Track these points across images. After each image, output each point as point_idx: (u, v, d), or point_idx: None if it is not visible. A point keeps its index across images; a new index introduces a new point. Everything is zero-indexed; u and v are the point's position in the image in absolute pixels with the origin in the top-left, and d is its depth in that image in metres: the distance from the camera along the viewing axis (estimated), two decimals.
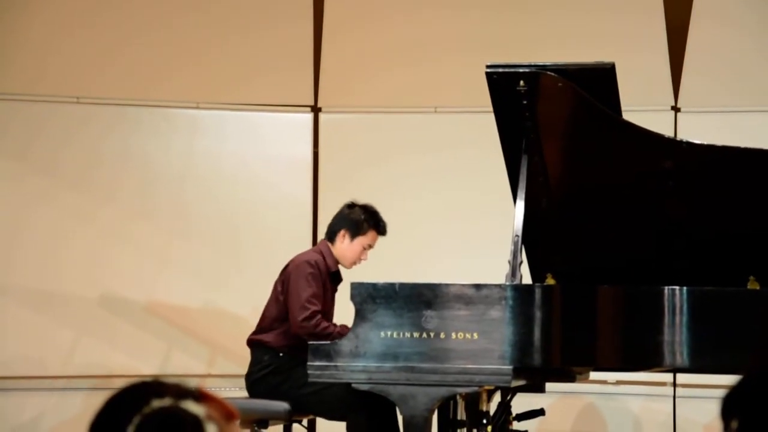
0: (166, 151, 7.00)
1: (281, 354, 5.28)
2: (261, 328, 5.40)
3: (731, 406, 1.50)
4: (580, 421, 6.82)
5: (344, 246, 5.38)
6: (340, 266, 5.42)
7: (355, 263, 5.40)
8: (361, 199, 5.48)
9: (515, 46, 6.95)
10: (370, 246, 5.42)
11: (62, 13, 6.93)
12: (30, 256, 6.72)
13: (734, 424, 1.48)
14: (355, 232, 5.38)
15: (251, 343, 5.39)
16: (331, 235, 5.43)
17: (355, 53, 7.21)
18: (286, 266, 5.39)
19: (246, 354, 5.43)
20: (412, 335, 4.41)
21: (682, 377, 6.63)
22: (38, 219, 6.75)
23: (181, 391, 1.53)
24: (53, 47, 6.89)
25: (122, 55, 7.00)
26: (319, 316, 5.18)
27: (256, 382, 5.31)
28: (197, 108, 7.04)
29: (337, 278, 5.42)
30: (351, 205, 5.48)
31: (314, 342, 4.58)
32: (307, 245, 6.75)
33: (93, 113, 6.89)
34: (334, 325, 5.22)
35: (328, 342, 4.55)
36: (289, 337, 5.26)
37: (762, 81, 6.82)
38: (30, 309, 6.68)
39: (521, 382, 4.70)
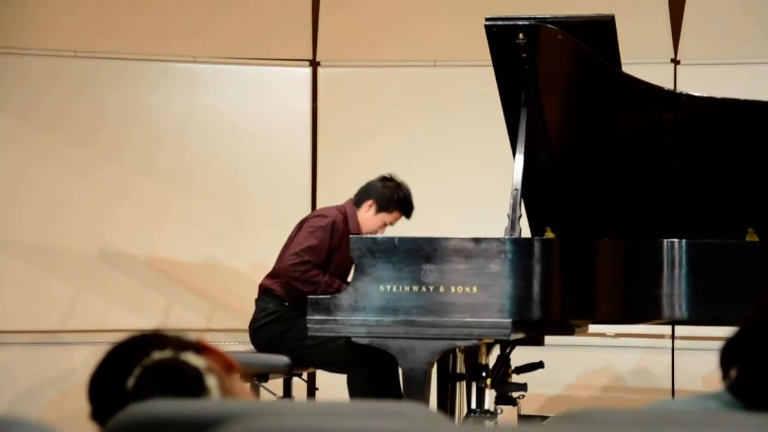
0: (166, 106, 6.98)
1: (286, 303, 5.29)
2: (273, 273, 5.39)
3: (730, 354, 1.50)
4: (579, 374, 6.85)
5: (368, 216, 5.37)
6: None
7: (370, 233, 5.38)
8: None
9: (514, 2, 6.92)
10: (391, 224, 5.42)
11: None
12: (30, 211, 6.72)
13: (733, 372, 1.49)
14: (383, 206, 5.37)
15: (261, 288, 5.39)
16: (359, 200, 5.41)
17: (353, 7, 7.17)
18: (305, 217, 5.41)
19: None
20: (411, 289, 4.42)
21: (680, 329, 6.65)
22: (38, 175, 6.74)
23: (182, 343, 1.54)
24: (51, 1, 6.85)
25: (119, 10, 6.96)
26: (310, 265, 5.18)
27: (259, 330, 5.33)
28: (195, 62, 7.02)
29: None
30: (388, 179, 5.45)
31: (313, 296, 4.59)
32: (306, 199, 6.76)
33: (91, 67, 6.86)
34: (325, 277, 5.20)
35: (328, 296, 4.56)
36: (297, 289, 5.26)
37: (761, 33, 6.80)
38: (32, 264, 6.69)
39: (520, 336, 4.72)
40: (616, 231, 4.72)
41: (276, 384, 5.42)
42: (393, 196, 5.37)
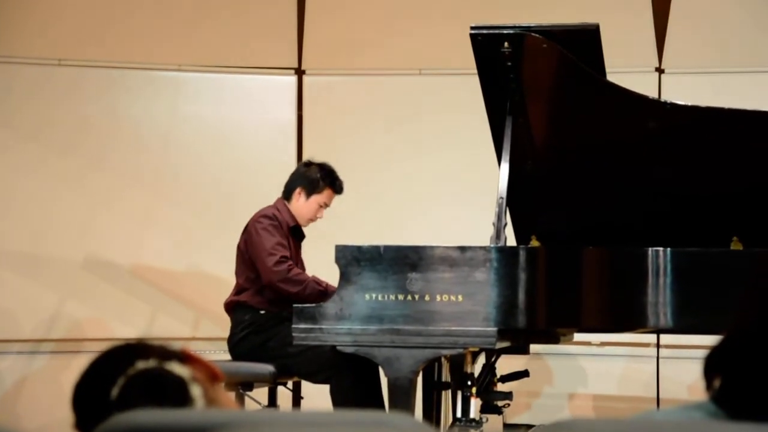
0: (151, 114, 6.97)
1: (262, 312, 5.28)
2: (235, 291, 5.39)
3: (714, 364, 1.50)
4: (564, 382, 6.85)
5: (300, 204, 5.39)
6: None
7: (311, 221, 5.42)
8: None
9: (499, 7, 6.93)
10: (327, 204, 5.43)
11: None
12: (15, 220, 6.70)
13: (717, 382, 1.49)
14: (311, 190, 5.38)
15: (229, 306, 5.38)
16: (287, 193, 5.44)
17: (339, 15, 7.18)
18: (246, 226, 5.39)
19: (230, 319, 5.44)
20: (396, 297, 4.41)
21: (665, 338, 6.66)
22: (23, 183, 6.72)
23: (166, 353, 1.53)
24: (34, 9, 6.84)
25: (104, 17, 6.95)
26: (289, 262, 5.18)
27: (238, 343, 5.31)
28: (179, 70, 7.01)
29: (298, 233, 5.41)
30: (308, 164, 5.47)
31: (298, 304, 4.57)
32: None
33: (76, 76, 6.85)
34: (313, 275, 5.22)
35: (313, 305, 4.55)
36: (267, 294, 5.25)
37: (745, 42, 6.83)
38: (16, 273, 6.67)
39: (505, 344, 4.72)
40: (601, 239, 4.73)
41: (261, 393, 5.41)
42: (317, 176, 5.39)
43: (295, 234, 5.39)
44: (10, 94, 6.76)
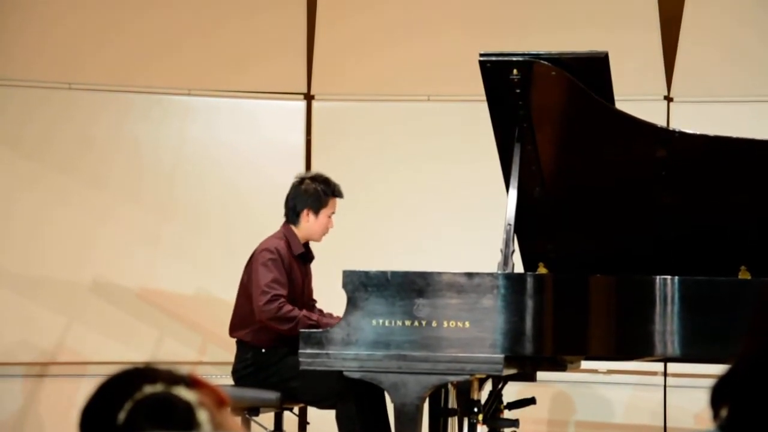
0: (158, 137, 6.99)
1: (263, 350, 5.25)
2: (237, 323, 5.35)
3: (720, 394, 1.50)
4: (571, 410, 6.83)
5: (311, 223, 5.34)
6: (311, 243, 5.40)
7: (325, 234, 5.38)
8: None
9: (508, 35, 6.94)
10: (333, 213, 5.39)
11: None
12: (19, 241, 6.71)
13: (724, 412, 1.48)
14: (318, 206, 5.33)
15: (234, 338, 5.38)
16: (293, 216, 5.36)
17: (348, 41, 7.20)
18: (250, 257, 5.36)
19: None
20: (403, 323, 4.41)
21: (672, 367, 6.64)
22: (28, 204, 6.73)
23: (173, 377, 1.53)
24: (45, 33, 6.87)
25: (114, 41, 6.98)
26: (282, 300, 5.11)
27: (241, 380, 5.30)
28: (189, 95, 7.03)
29: (306, 258, 5.38)
30: (300, 181, 5.39)
31: (305, 330, 4.56)
32: None
33: (85, 99, 6.88)
34: (299, 310, 5.14)
35: (320, 330, 4.54)
36: (268, 332, 5.21)
37: (754, 71, 6.83)
38: (19, 294, 6.67)
39: (512, 371, 4.71)
40: (609, 267, 4.73)
41: (267, 418, 5.40)
42: (318, 190, 5.33)
43: (302, 259, 5.36)
44: (19, 116, 6.77)
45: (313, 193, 5.33)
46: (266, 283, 5.14)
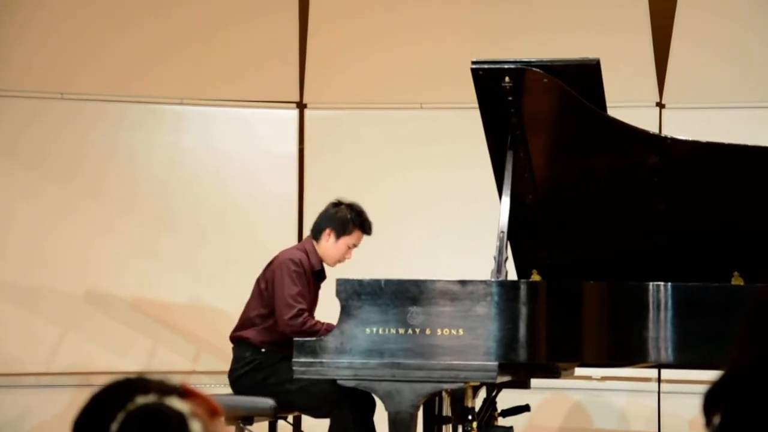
0: (152, 146, 6.99)
1: (263, 350, 5.27)
2: (242, 324, 5.38)
3: (713, 401, 1.50)
4: (565, 417, 6.83)
5: (329, 245, 5.35)
6: (324, 264, 5.41)
7: (339, 262, 5.38)
8: (347, 196, 5.46)
9: (500, 41, 6.95)
10: (355, 245, 5.39)
11: (46, 8, 6.91)
12: (14, 252, 6.70)
13: (716, 419, 1.49)
14: (341, 231, 5.33)
15: (234, 339, 5.39)
16: (316, 233, 5.39)
17: (340, 49, 7.20)
18: (270, 263, 5.37)
19: (231, 351, 5.43)
20: (397, 331, 4.41)
21: (666, 373, 6.64)
22: (23, 214, 6.73)
23: (166, 388, 1.53)
24: (38, 44, 6.87)
25: (107, 51, 6.98)
26: (306, 314, 5.16)
27: (238, 379, 5.31)
28: (182, 104, 7.03)
29: (320, 276, 5.39)
30: (337, 204, 5.41)
31: (299, 338, 4.57)
32: (293, 241, 6.74)
33: (78, 109, 6.87)
34: (321, 322, 5.20)
35: (314, 338, 4.54)
36: (272, 334, 5.24)
37: (746, 77, 6.84)
38: (14, 304, 6.66)
39: (506, 378, 4.71)
40: (602, 274, 4.73)
41: (261, 427, 5.40)
42: (348, 217, 5.34)
43: (317, 276, 5.37)
44: (12, 126, 6.77)
45: (341, 218, 5.33)
46: (293, 297, 5.17)
